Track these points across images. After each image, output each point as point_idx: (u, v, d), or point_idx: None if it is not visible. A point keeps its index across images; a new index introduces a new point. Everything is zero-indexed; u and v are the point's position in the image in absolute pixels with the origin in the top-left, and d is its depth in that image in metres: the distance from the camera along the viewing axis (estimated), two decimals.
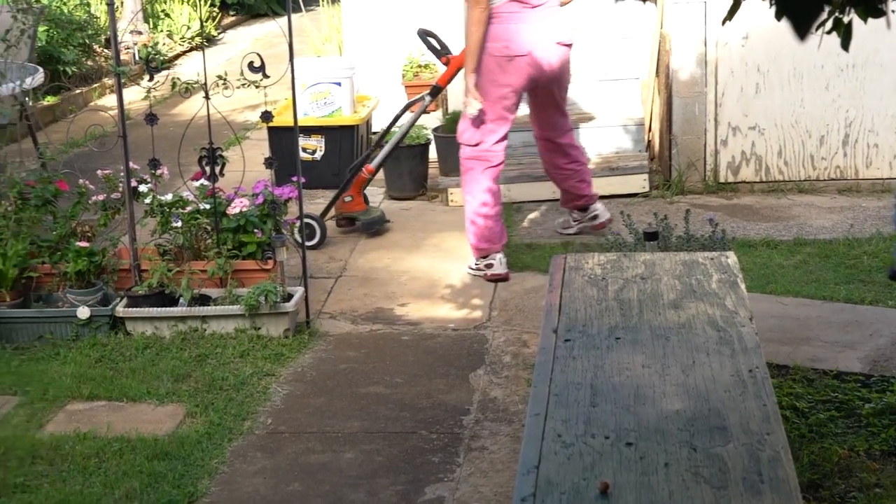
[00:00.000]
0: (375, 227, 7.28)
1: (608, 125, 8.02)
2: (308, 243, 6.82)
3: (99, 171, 6.13)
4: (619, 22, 8.41)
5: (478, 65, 6.38)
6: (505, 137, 6.58)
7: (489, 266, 6.50)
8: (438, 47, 7.20)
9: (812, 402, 4.84)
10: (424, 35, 7.24)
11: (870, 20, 2.42)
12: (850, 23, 2.53)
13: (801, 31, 1.80)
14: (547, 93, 6.67)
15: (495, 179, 6.59)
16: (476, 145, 6.54)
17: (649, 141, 8.20)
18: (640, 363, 3.60)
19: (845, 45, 2.55)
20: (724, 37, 7.59)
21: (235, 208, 5.89)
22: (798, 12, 1.80)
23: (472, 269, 6.57)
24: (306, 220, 6.84)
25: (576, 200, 6.99)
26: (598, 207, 6.98)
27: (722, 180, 7.79)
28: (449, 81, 7.24)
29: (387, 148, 7.30)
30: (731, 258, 4.51)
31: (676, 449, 3.05)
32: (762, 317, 5.05)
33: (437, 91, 7.25)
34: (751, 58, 7.55)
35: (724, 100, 7.71)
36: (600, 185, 7.65)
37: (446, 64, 7.16)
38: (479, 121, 6.49)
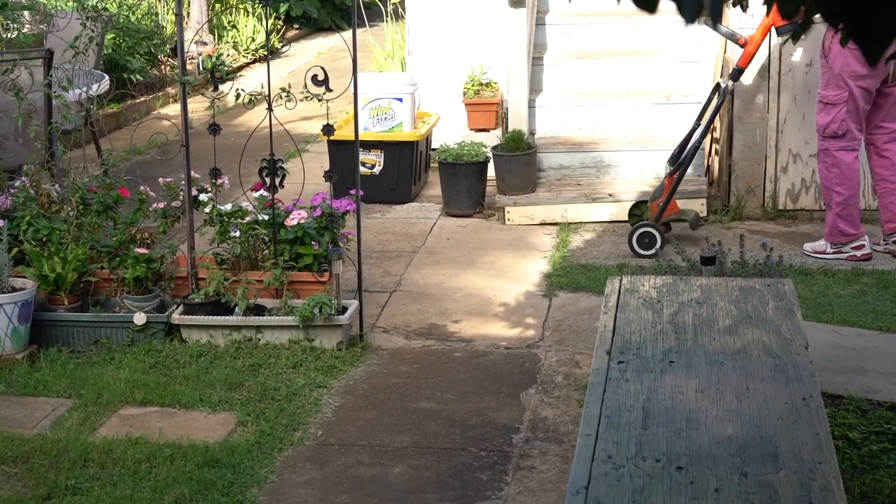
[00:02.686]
0: (699, 223, 7.30)
1: (667, 148, 8.00)
2: (648, 252, 6.93)
3: (160, 179, 6.19)
4: (683, 46, 8.41)
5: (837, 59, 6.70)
6: (861, 128, 6.87)
7: (860, 248, 6.88)
8: (727, 32, 7.26)
9: (865, 432, 4.79)
10: (714, 24, 7.32)
11: None
12: None
13: (873, 57, 1.79)
14: (890, 87, 6.82)
15: (860, 167, 6.93)
16: (843, 136, 6.80)
17: (709, 165, 8.16)
18: (693, 387, 3.58)
19: None
20: (788, 64, 7.55)
21: (294, 220, 5.93)
22: (870, 37, 1.79)
23: (827, 253, 6.93)
24: (647, 229, 6.98)
25: (889, 222, 7.04)
26: (866, 240, 6.99)
27: (781, 207, 7.73)
28: (750, 61, 7.27)
29: (691, 145, 7.28)
30: (788, 285, 4.48)
31: (727, 475, 3.03)
32: (817, 345, 5.01)
33: (739, 73, 7.29)
34: (814, 85, 7.50)
35: (785, 127, 7.66)
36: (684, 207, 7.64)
37: (743, 45, 7.22)
38: (844, 111, 6.75)
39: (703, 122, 7.25)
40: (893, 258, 6.94)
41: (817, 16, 1.85)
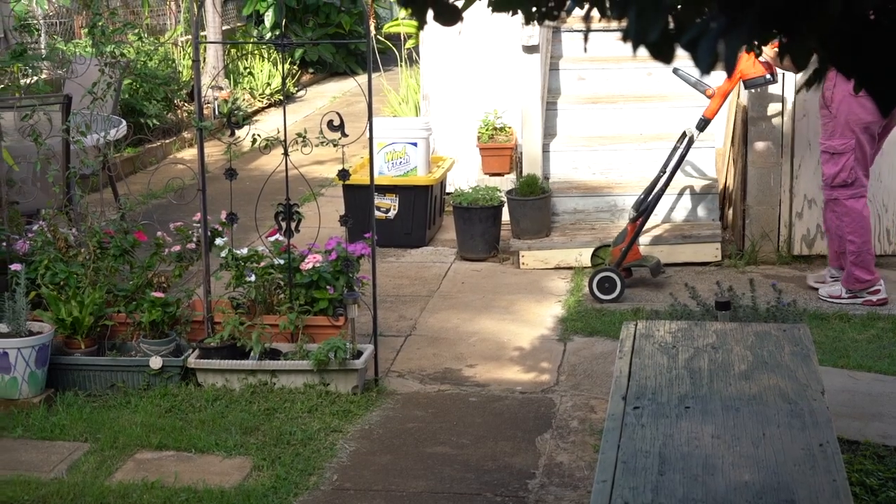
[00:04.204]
0: (660, 271, 7.34)
1: (682, 193, 8.03)
2: (608, 297, 6.96)
3: (171, 225, 6.23)
4: (696, 90, 8.43)
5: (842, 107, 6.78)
6: (869, 171, 6.94)
7: (875, 293, 6.90)
8: (693, 81, 7.33)
9: (882, 479, 4.78)
10: (676, 71, 7.38)
11: None
12: None
13: (886, 106, 1.81)
14: (885, 131, 6.91)
15: (870, 214, 7.00)
16: (852, 184, 6.84)
17: (723, 210, 8.17)
18: (709, 433, 3.58)
19: None
20: (803, 109, 7.57)
21: (309, 264, 5.96)
22: (882, 86, 1.81)
23: (843, 298, 6.93)
24: (607, 274, 7.00)
25: (841, 259, 7.09)
26: (882, 284, 7.01)
27: (796, 252, 7.74)
28: (716, 113, 7.35)
29: (655, 193, 7.34)
30: (804, 330, 4.48)
31: None
32: (834, 391, 5.00)
33: (704, 124, 7.35)
34: None
35: (800, 172, 7.68)
36: (672, 253, 7.66)
37: (710, 97, 7.27)
38: (853, 160, 6.79)
39: (668, 169, 7.33)
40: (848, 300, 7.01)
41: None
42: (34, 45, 10.58)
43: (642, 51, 1.86)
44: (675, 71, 7.46)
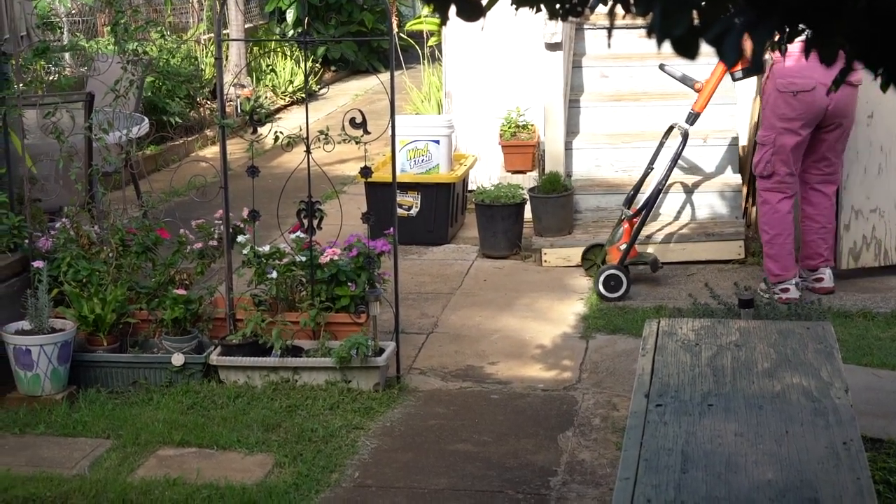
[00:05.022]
0: (659, 266, 7.32)
1: (705, 190, 8.00)
2: (614, 295, 6.94)
3: (193, 222, 6.24)
4: (721, 88, 8.39)
5: (768, 100, 6.82)
6: (797, 169, 6.88)
7: (785, 290, 6.78)
8: (680, 76, 7.38)
9: None
10: (662, 67, 7.38)
11: None
12: None
13: None
14: (828, 130, 6.84)
15: (791, 208, 6.89)
16: (769, 177, 6.85)
17: (747, 208, 8.14)
18: (732, 431, 3.56)
19: None
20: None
21: (327, 257, 5.95)
22: None
23: (763, 291, 6.80)
24: (613, 272, 7.00)
25: (807, 259, 7.06)
26: (827, 272, 7.01)
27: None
28: (705, 106, 7.37)
29: (653, 189, 7.36)
30: (828, 328, 4.46)
31: None
32: (857, 389, 4.97)
33: (694, 118, 7.36)
34: (875, 138, 7.28)
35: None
36: (695, 251, 7.63)
37: (699, 91, 7.31)
38: (770, 154, 6.82)
39: (665, 166, 7.33)
40: (812, 294, 6.91)
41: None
42: (57, 43, 10.60)
43: (664, 46, 1.85)
44: (662, 67, 7.48)
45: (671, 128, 7.44)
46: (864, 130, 7.20)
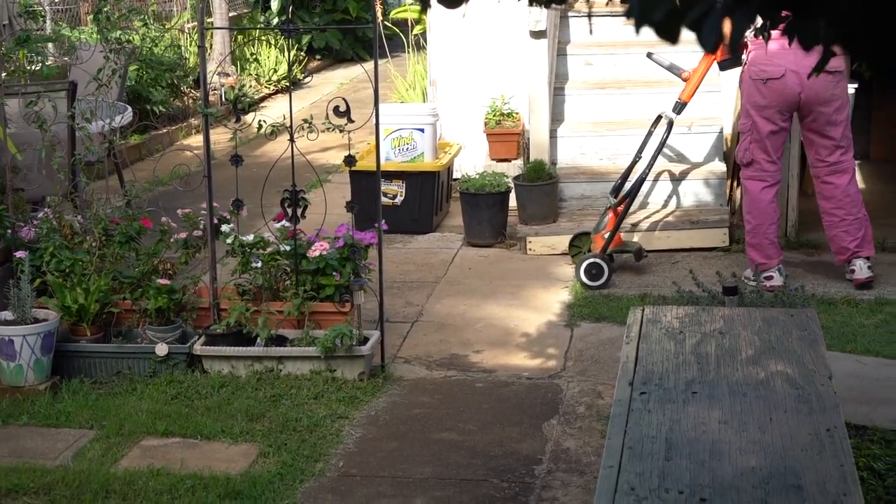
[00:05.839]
0: (643, 255, 7.32)
1: (690, 178, 8.00)
2: (596, 283, 6.95)
3: (179, 210, 6.22)
4: (706, 76, 8.38)
5: (743, 88, 6.85)
6: (778, 158, 6.89)
7: (769, 278, 6.78)
8: (668, 65, 7.39)
9: (890, 463, 4.75)
10: (650, 55, 7.38)
11: None
12: None
13: None
14: (810, 119, 6.84)
15: (773, 197, 6.90)
16: (749, 165, 6.88)
17: (731, 195, 8.14)
18: (716, 418, 3.56)
19: None
20: None
21: (316, 251, 5.94)
22: (892, 69, 1.78)
23: (749, 279, 6.74)
24: (595, 261, 7.00)
25: (836, 254, 7.02)
26: (858, 263, 6.92)
27: (804, 237, 7.69)
28: (692, 95, 7.37)
29: (637, 178, 7.35)
30: (812, 315, 4.46)
31: None
32: (841, 376, 4.98)
33: (681, 107, 7.36)
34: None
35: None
36: (680, 239, 7.64)
37: (686, 80, 7.29)
38: (748, 141, 6.85)
39: (649, 155, 7.33)
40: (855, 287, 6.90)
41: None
42: (39, 32, 10.55)
43: (648, 34, 1.84)
44: (649, 55, 7.48)
45: (659, 117, 7.43)
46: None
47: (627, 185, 7.39)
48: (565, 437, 5.17)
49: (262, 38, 14.42)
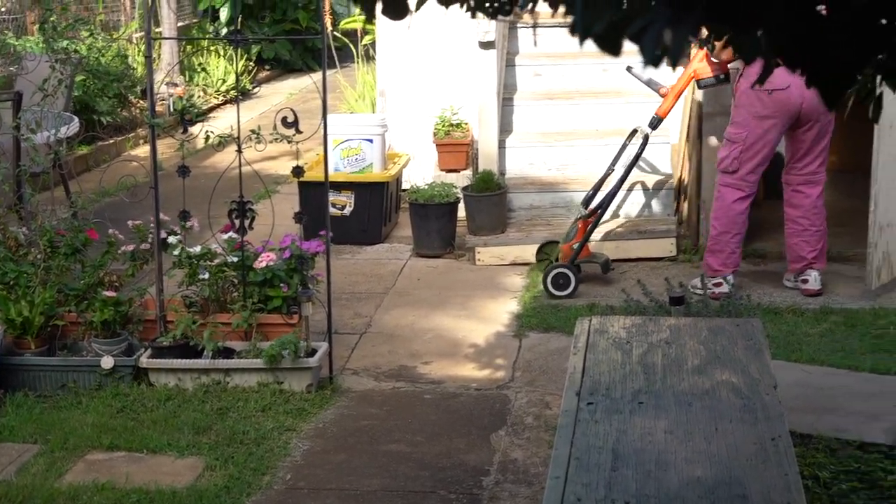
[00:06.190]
0: (610, 267, 7.33)
1: (638, 188, 8.04)
2: (562, 293, 6.94)
3: (129, 222, 6.17)
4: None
5: (741, 98, 6.79)
6: (761, 170, 6.92)
7: (718, 285, 6.83)
8: (646, 80, 7.34)
9: (835, 472, 4.79)
10: (629, 69, 7.37)
11: None
12: (881, 94, 2.53)
13: (831, 100, 1.80)
14: (804, 129, 6.83)
15: (746, 208, 6.91)
16: (733, 173, 6.86)
17: (678, 206, 8.19)
18: (662, 428, 3.57)
19: (875, 116, 2.54)
20: None
21: (262, 262, 5.91)
22: (828, 82, 1.80)
23: (696, 288, 6.74)
24: (562, 270, 7.00)
25: (791, 262, 7.06)
26: (813, 275, 6.96)
27: (751, 246, 7.74)
28: (669, 111, 7.35)
29: (610, 190, 7.32)
30: (757, 325, 4.49)
31: None
32: (786, 385, 5.01)
33: (657, 122, 7.35)
34: None
35: None
36: (628, 248, 7.67)
37: (664, 95, 7.28)
38: (739, 151, 6.82)
39: (622, 168, 7.32)
40: (802, 296, 6.96)
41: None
42: None
43: (594, 46, 1.84)
44: (629, 69, 7.48)
45: (634, 131, 7.42)
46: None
47: (599, 197, 7.36)
48: (513, 447, 5.17)
49: (211, 48, 14.36)
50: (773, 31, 1.63)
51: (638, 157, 7.37)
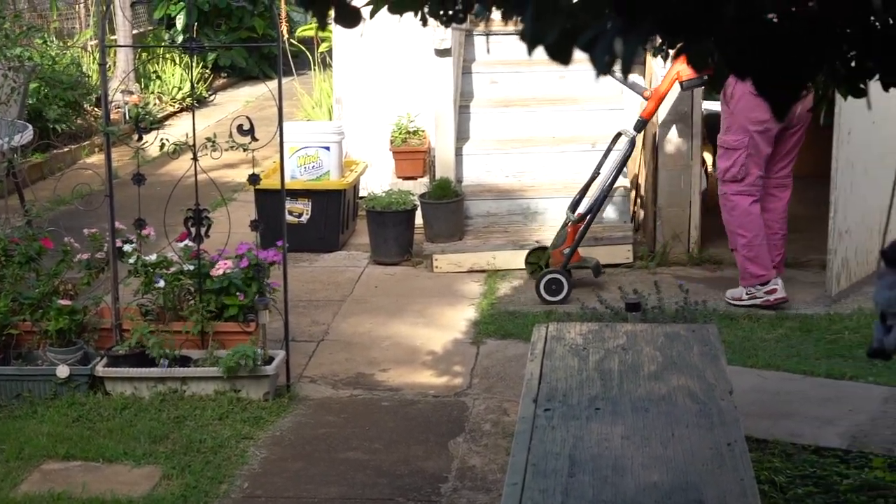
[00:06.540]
0: (601, 271, 7.33)
1: (594, 195, 8.06)
2: (555, 298, 6.93)
3: (85, 230, 6.13)
4: (608, 94, 8.49)
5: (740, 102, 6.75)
6: (763, 173, 6.91)
7: (772, 291, 6.85)
8: (630, 84, 7.33)
9: (790, 476, 4.83)
10: (612, 73, 7.34)
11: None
12: (832, 101, 2.56)
13: (780, 110, 1.82)
14: (792, 132, 6.85)
15: (759, 210, 6.91)
16: (742, 180, 6.85)
17: (634, 212, 8.23)
18: (619, 434, 3.59)
19: (828, 121, 2.57)
20: (710, 113, 7.64)
21: (219, 270, 5.89)
22: (776, 94, 1.82)
23: (743, 300, 6.87)
24: (555, 276, 6.98)
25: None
26: (779, 283, 6.97)
27: (706, 253, 7.79)
28: (653, 114, 7.34)
29: (599, 195, 7.30)
30: (713, 331, 4.51)
31: None
32: (742, 390, 5.05)
33: (642, 125, 7.34)
34: None
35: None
36: (585, 255, 7.68)
37: (647, 98, 7.27)
38: (744, 156, 6.80)
39: (611, 171, 7.29)
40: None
41: None
42: None
43: (544, 54, 1.85)
44: (612, 73, 7.47)
45: (619, 134, 7.41)
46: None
47: (586, 202, 7.35)
48: (471, 454, 5.18)
49: (167, 55, 14.30)
50: (723, 41, 1.65)
51: (626, 159, 7.32)
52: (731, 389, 3.94)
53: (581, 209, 7.32)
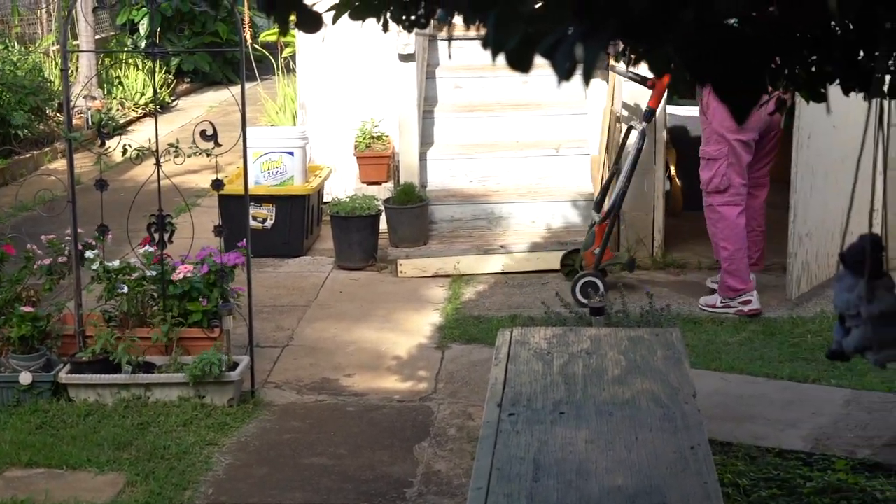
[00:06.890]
0: (635, 266, 7.32)
1: (558, 199, 8.09)
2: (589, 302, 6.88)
3: (43, 237, 6.10)
4: (572, 99, 8.51)
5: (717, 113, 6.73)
6: (745, 181, 6.90)
7: (746, 303, 6.86)
8: (632, 75, 7.27)
9: (754, 479, 4.85)
10: (613, 68, 7.38)
11: None
12: (793, 104, 2.58)
13: (739, 114, 1.83)
14: (771, 134, 6.87)
15: (745, 221, 6.92)
16: (725, 191, 6.84)
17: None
18: (583, 438, 3.60)
19: (788, 123, 2.59)
20: (673, 117, 7.68)
21: (180, 274, 5.87)
22: (737, 96, 1.83)
23: (717, 307, 6.87)
24: (590, 279, 6.94)
25: None
26: (754, 295, 6.95)
27: (669, 257, 7.82)
28: (660, 101, 7.32)
29: (618, 191, 7.27)
30: (676, 335, 4.53)
31: None
32: (706, 393, 5.07)
33: (650, 114, 7.32)
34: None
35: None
36: (549, 260, 7.70)
37: (651, 87, 7.24)
38: (725, 166, 6.79)
39: (626, 166, 7.25)
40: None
41: None
42: None
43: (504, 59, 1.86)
44: (612, 68, 7.50)
45: (630, 129, 7.37)
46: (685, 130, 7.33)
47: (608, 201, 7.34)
48: (436, 459, 5.18)
49: (130, 61, 14.24)
50: (682, 46, 1.66)
51: (639, 152, 7.21)
52: (695, 393, 3.96)
53: (605, 208, 7.31)
